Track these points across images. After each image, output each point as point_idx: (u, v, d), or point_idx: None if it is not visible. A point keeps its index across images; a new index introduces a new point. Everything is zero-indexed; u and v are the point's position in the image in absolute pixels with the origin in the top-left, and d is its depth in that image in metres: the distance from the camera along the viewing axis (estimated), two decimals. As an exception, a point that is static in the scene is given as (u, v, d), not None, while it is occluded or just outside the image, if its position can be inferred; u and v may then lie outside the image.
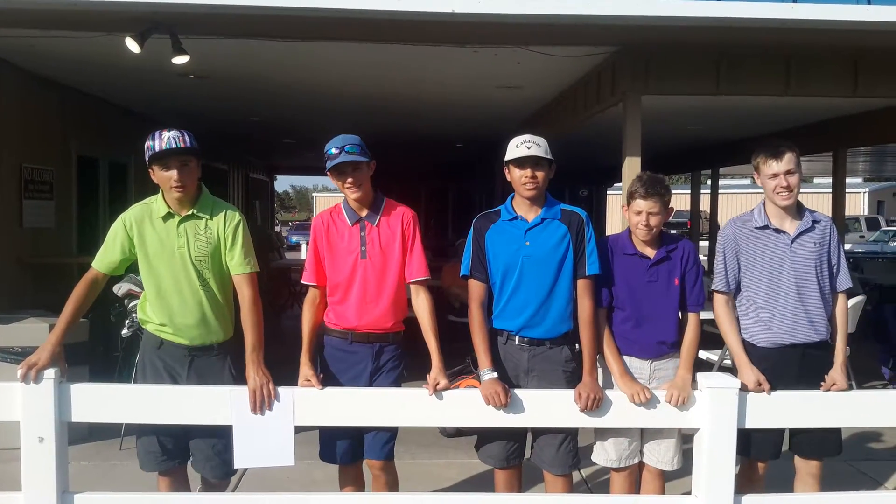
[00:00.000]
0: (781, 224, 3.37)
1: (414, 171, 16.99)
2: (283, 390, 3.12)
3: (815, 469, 3.41)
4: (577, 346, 3.31)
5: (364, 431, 3.36)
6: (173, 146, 3.13)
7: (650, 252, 3.35)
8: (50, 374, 2.99)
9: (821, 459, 3.42)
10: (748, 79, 5.78)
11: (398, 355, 3.40)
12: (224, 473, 3.32)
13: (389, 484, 3.43)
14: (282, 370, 3.26)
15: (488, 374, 3.12)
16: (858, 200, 34.23)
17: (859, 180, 32.49)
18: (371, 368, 3.34)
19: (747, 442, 3.30)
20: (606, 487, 3.59)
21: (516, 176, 3.25)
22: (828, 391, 3.24)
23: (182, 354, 3.28)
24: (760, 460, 3.42)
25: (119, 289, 4.99)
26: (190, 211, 3.25)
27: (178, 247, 3.22)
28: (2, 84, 6.30)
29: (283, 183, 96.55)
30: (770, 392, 3.19)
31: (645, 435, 3.40)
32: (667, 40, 5.48)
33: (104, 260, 3.26)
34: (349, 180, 3.27)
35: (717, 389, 3.11)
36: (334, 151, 3.24)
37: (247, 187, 16.58)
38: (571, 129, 7.89)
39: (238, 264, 3.27)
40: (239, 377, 3.24)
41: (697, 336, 3.37)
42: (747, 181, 36.34)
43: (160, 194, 3.28)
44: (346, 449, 3.38)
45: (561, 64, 6.15)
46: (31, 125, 6.83)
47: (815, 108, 8.38)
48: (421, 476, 4.57)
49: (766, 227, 3.37)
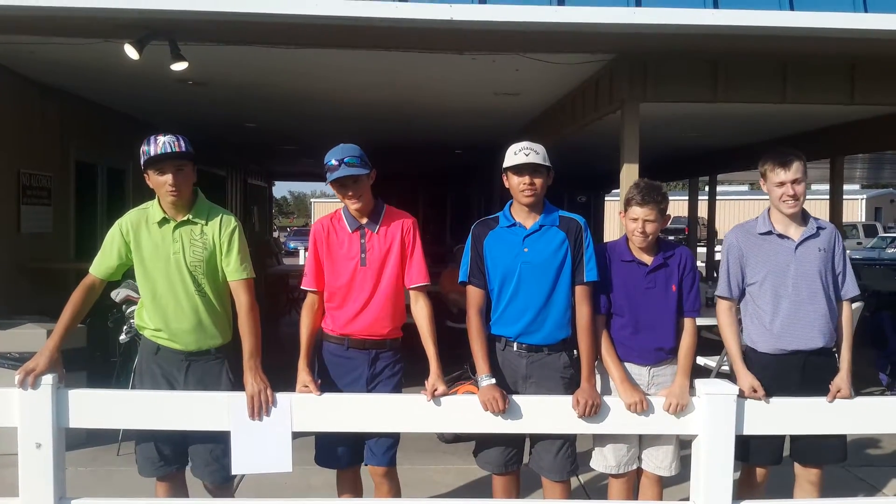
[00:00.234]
0: (786, 230, 3.37)
1: (412, 177, 17.02)
2: (281, 396, 3.12)
3: (815, 476, 3.40)
4: (575, 353, 3.32)
5: (363, 437, 3.34)
6: (168, 151, 3.12)
7: (647, 259, 3.36)
8: (48, 380, 2.99)
9: (820, 467, 3.41)
10: (745, 86, 5.80)
11: (395, 362, 3.39)
12: (223, 478, 3.31)
13: (392, 491, 3.40)
14: (280, 376, 3.26)
15: (486, 381, 3.12)
16: (856, 207, 34.29)
17: (857, 187, 32.54)
18: (367, 375, 3.33)
19: (746, 447, 3.30)
20: (604, 493, 3.58)
21: (514, 183, 3.26)
22: (833, 398, 3.24)
23: (179, 360, 3.27)
24: (759, 466, 3.42)
25: (117, 294, 5.00)
26: (185, 216, 3.24)
27: (174, 252, 3.22)
28: (0, 90, 6.30)
29: (282, 189, 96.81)
30: (766, 398, 3.19)
31: (643, 441, 3.40)
32: (664, 48, 5.50)
33: (101, 266, 3.26)
34: (350, 193, 3.27)
35: (715, 396, 3.12)
36: (334, 163, 3.23)
37: (245, 193, 16.60)
38: (569, 136, 7.90)
39: (234, 270, 3.26)
40: (237, 382, 3.23)
41: (694, 342, 3.37)
42: (745, 188, 36.43)
43: (156, 199, 3.27)
44: (344, 453, 3.37)
45: (559, 71, 6.17)
46: (30, 131, 6.83)
47: (813, 116, 8.39)
48: (418, 482, 4.56)
49: (770, 233, 3.37)
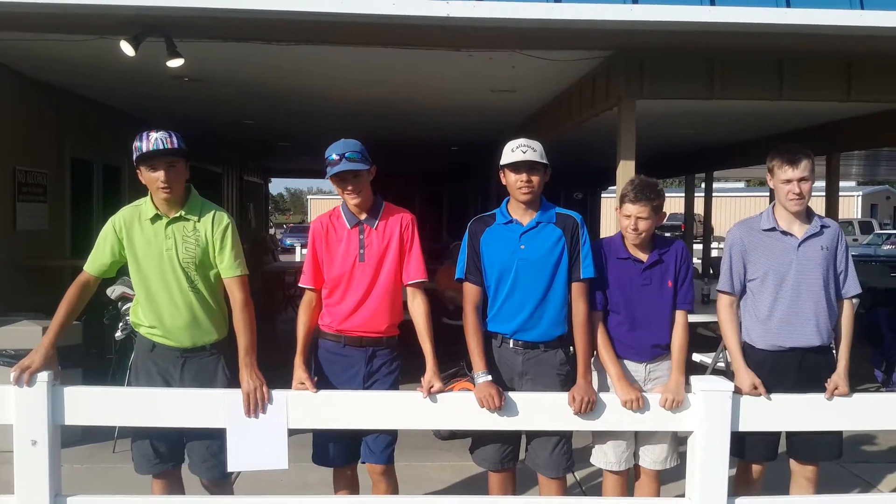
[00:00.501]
0: (790, 227, 3.37)
1: (409, 174, 17.00)
2: (277, 393, 3.12)
3: (811, 473, 3.41)
4: (572, 350, 3.32)
5: (360, 434, 3.34)
6: (160, 147, 3.12)
7: (643, 256, 3.36)
8: (43, 377, 2.98)
9: (816, 463, 3.41)
10: (742, 83, 5.81)
11: (392, 360, 3.39)
12: (220, 474, 3.30)
13: (390, 489, 3.40)
14: (276, 373, 3.25)
15: (482, 377, 3.13)
16: (852, 204, 34.34)
17: (853, 184, 32.58)
18: (364, 373, 3.33)
19: (741, 444, 3.31)
20: (600, 490, 3.59)
21: (511, 180, 3.26)
22: (831, 395, 3.24)
23: (174, 357, 3.27)
24: (754, 462, 3.42)
25: (112, 291, 4.99)
26: (178, 213, 3.23)
27: (166, 249, 3.21)
28: (-4, 86, 6.30)
29: (278, 185, 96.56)
30: (767, 395, 3.19)
31: (639, 436, 3.41)
32: (661, 45, 5.50)
33: (95, 263, 3.25)
34: (349, 187, 3.26)
35: (711, 392, 3.12)
36: (335, 158, 3.23)
37: (241, 190, 16.57)
38: (566, 133, 7.91)
39: (228, 267, 3.26)
40: (233, 378, 3.23)
41: (686, 336, 3.37)
42: (741, 184, 36.49)
43: (149, 196, 3.27)
44: (340, 451, 3.37)
45: (556, 68, 6.16)
46: (26, 127, 6.81)
47: (809, 112, 8.40)
48: (414, 479, 4.56)
49: (774, 230, 3.37)
